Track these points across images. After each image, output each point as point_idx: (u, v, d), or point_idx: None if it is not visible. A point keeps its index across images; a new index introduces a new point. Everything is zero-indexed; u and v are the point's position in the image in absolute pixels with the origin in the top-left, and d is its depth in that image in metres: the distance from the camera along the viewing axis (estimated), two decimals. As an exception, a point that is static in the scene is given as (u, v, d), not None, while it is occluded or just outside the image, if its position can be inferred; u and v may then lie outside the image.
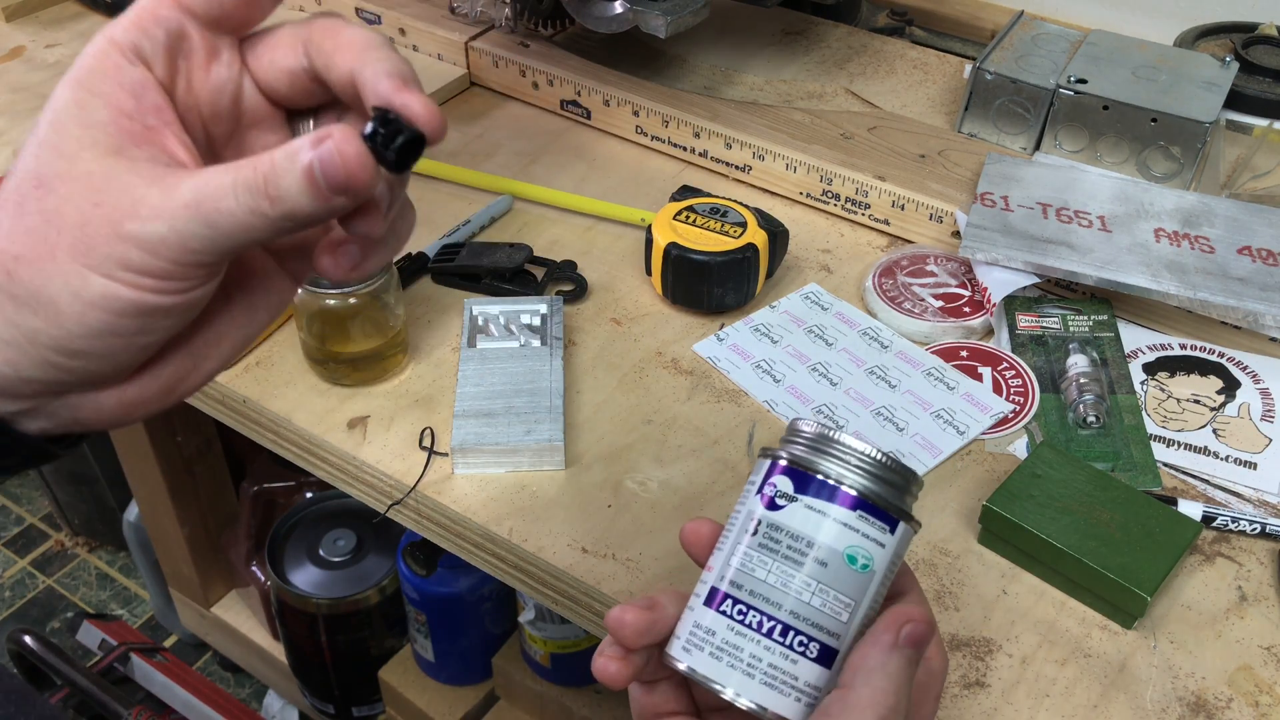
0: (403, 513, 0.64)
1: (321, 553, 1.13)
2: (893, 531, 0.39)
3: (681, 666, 0.39)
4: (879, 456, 0.39)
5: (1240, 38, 0.93)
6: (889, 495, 0.39)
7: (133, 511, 1.32)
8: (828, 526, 0.38)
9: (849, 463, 0.39)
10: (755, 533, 0.39)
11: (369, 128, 0.33)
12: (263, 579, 1.19)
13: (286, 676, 1.24)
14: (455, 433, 0.63)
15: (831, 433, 0.39)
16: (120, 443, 1.13)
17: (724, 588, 0.39)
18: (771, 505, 0.39)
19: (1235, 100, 0.86)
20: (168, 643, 1.52)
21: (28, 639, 1.18)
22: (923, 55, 1.01)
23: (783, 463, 0.40)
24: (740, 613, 0.39)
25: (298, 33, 0.36)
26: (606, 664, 0.40)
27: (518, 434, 0.63)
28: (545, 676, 1.00)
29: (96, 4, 1.07)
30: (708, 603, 0.39)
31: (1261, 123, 0.87)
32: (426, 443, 0.64)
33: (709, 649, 0.39)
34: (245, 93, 0.37)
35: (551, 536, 0.60)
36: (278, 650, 1.24)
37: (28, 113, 0.94)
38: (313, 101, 0.37)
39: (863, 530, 0.38)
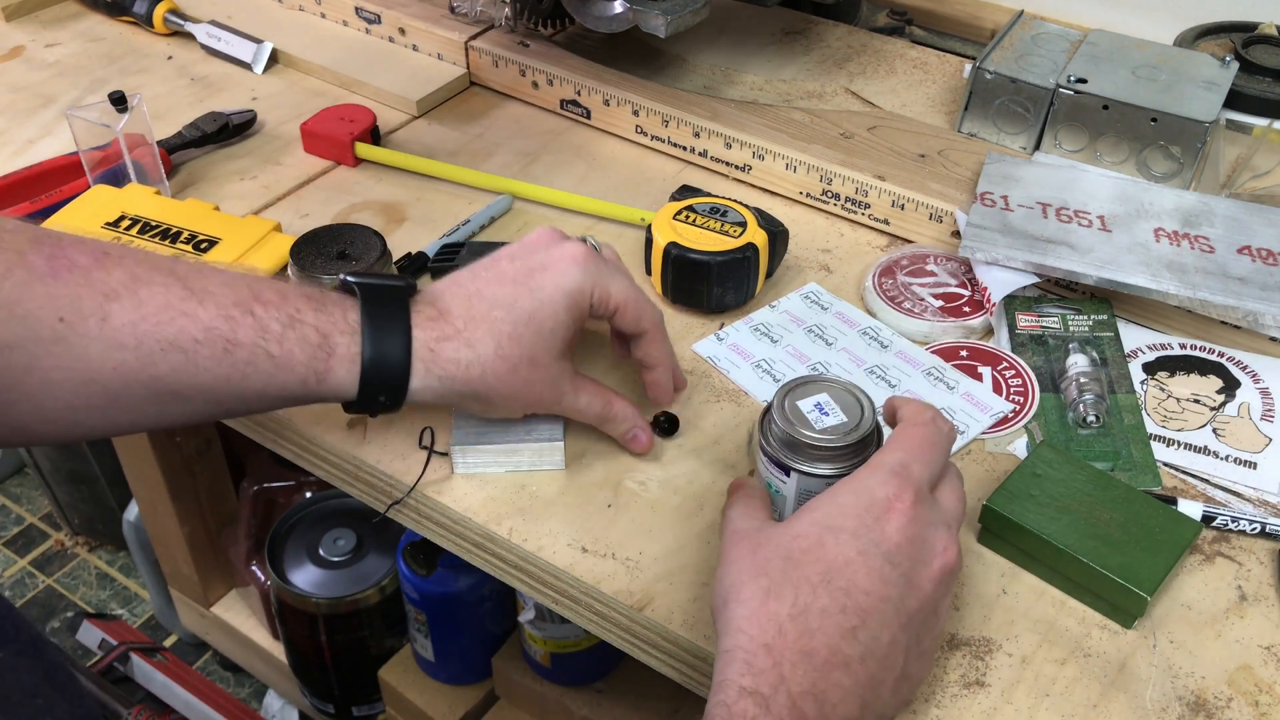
0: (402, 512, 0.64)
1: (321, 552, 1.12)
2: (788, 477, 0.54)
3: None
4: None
5: (1240, 37, 0.93)
6: (782, 452, 0.54)
7: (133, 511, 1.32)
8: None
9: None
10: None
11: (659, 422, 0.66)
12: (263, 578, 1.19)
13: (286, 676, 1.24)
14: (455, 432, 0.63)
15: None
16: (120, 442, 1.13)
17: None
18: None
19: (1235, 100, 0.86)
20: (168, 642, 1.52)
21: (28, 639, 1.18)
22: (922, 55, 1.01)
23: None
24: None
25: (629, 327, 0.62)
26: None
27: (517, 433, 0.63)
28: (545, 676, 1.00)
29: (96, 4, 1.07)
30: None
31: (1261, 122, 0.87)
32: (426, 442, 0.64)
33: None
34: None
35: (551, 536, 0.60)
36: (278, 650, 1.24)
37: (28, 112, 0.94)
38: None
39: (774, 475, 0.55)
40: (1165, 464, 0.64)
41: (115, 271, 0.51)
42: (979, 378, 0.69)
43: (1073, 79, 0.82)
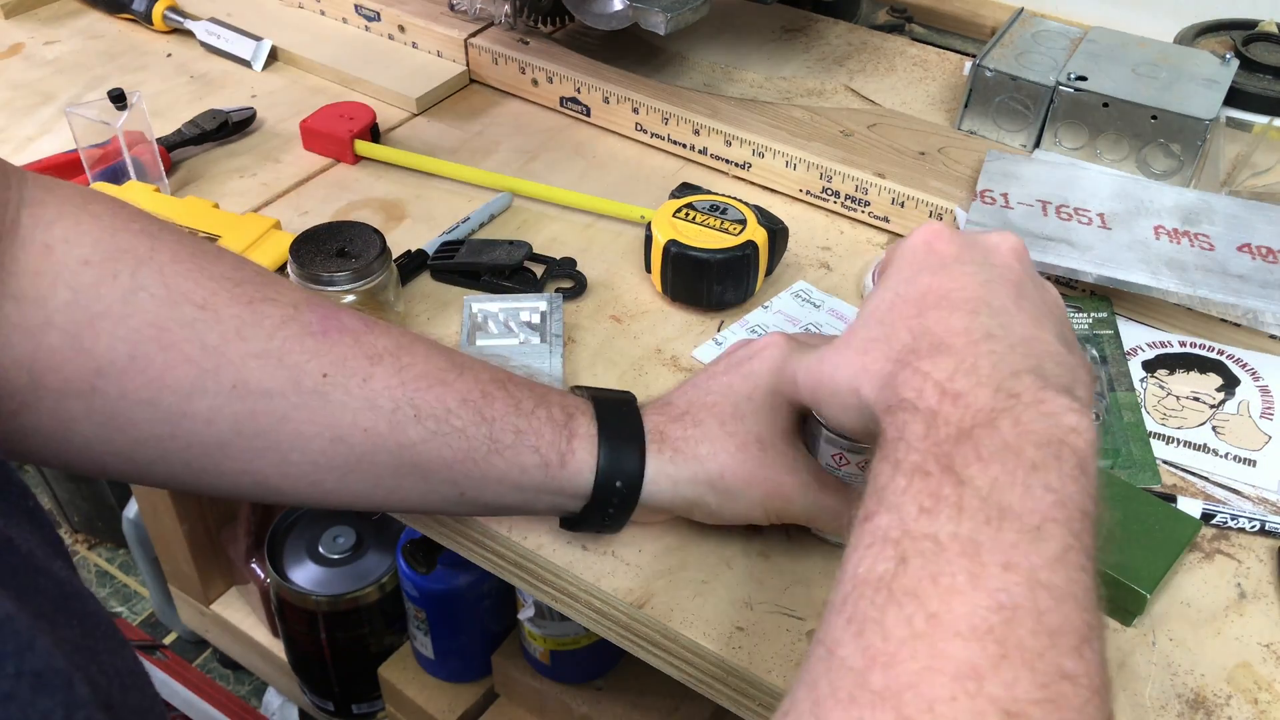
0: (402, 510, 0.64)
1: (321, 550, 1.13)
2: None
3: None
4: None
5: (1240, 35, 0.93)
6: None
7: (132, 509, 1.32)
8: None
9: None
10: None
11: None
12: (262, 576, 1.19)
13: (286, 673, 1.24)
14: (454, 430, 0.63)
15: None
16: (120, 440, 1.13)
17: None
18: None
19: (1235, 97, 0.86)
20: (167, 640, 1.52)
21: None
22: (923, 52, 1.01)
23: None
24: None
25: None
26: None
27: (517, 431, 0.63)
28: (545, 674, 1.00)
29: (95, 1, 1.07)
30: None
31: (1261, 120, 0.87)
32: (426, 440, 0.64)
33: None
34: None
35: (551, 533, 0.60)
36: (277, 647, 1.24)
37: (27, 109, 0.94)
38: None
39: None
40: (1165, 462, 0.64)
41: (382, 338, 0.52)
42: (979, 375, 0.69)
43: (1073, 76, 0.82)
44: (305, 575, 1.11)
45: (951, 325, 0.42)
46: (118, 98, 0.80)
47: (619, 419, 0.54)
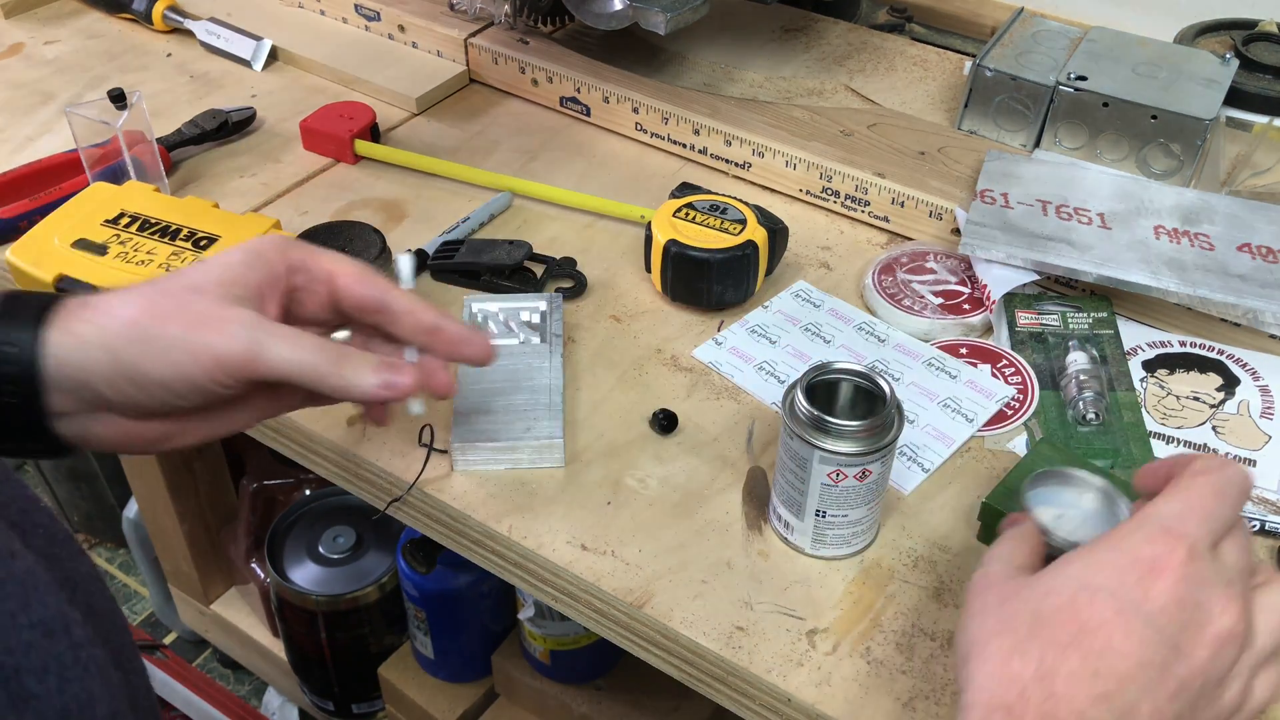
0: (402, 510, 0.64)
1: (321, 550, 1.13)
2: None
3: None
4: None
5: (1240, 34, 0.93)
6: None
7: (132, 509, 1.32)
8: None
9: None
10: None
11: (658, 419, 0.63)
12: (262, 576, 1.19)
13: (286, 673, 1.24)
14: (455, 429, 0.63)
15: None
16: (120, 440, 1.13)
17: None
18: None
19: (1235, 97, 0.86)
20: (167, 640, 1.52)
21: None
22: (923, 52, 1.01)
23: None
24: None
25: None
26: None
27: (517, 431, 0.63)
28: (545, 673, 1.00)
29: (95, 1, 1.07)
30: None
31: (1261, 120, 0.87)
32: (426, 439, 0.64)
33: None
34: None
35: (551, 533, 0.60)
36: (277, 647, 1.24)
37: (27, 109, 0.94)
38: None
39: None
40: (1165, 461, 0.64)
41: None
42: (979, 375, 0.69)
43: (1073, 76, 0.82)
44: (305, 575, 1.11)
45: (1075, 697, 0.40)
46: (118, 97, 0.80)
47: (13, 299, 0.50)
